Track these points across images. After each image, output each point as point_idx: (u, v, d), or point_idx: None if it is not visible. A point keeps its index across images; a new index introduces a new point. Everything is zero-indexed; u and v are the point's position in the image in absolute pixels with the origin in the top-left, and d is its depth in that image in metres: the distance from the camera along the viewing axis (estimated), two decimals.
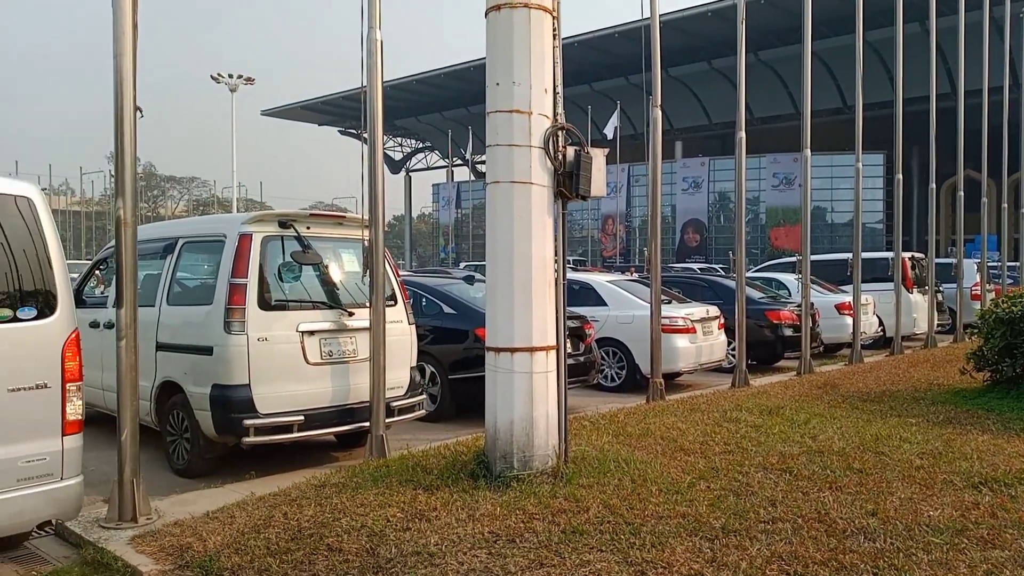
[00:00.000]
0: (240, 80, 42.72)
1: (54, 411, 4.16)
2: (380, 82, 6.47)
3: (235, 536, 4.48)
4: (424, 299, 9.26)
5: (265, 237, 6.39)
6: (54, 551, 4.85)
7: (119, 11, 4.95)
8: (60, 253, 4.27)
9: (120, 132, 5.03)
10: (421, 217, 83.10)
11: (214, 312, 6.18)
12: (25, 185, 4.28)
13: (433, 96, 53.25)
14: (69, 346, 4.23)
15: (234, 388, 6.06)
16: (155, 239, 7.17)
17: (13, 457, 4.01)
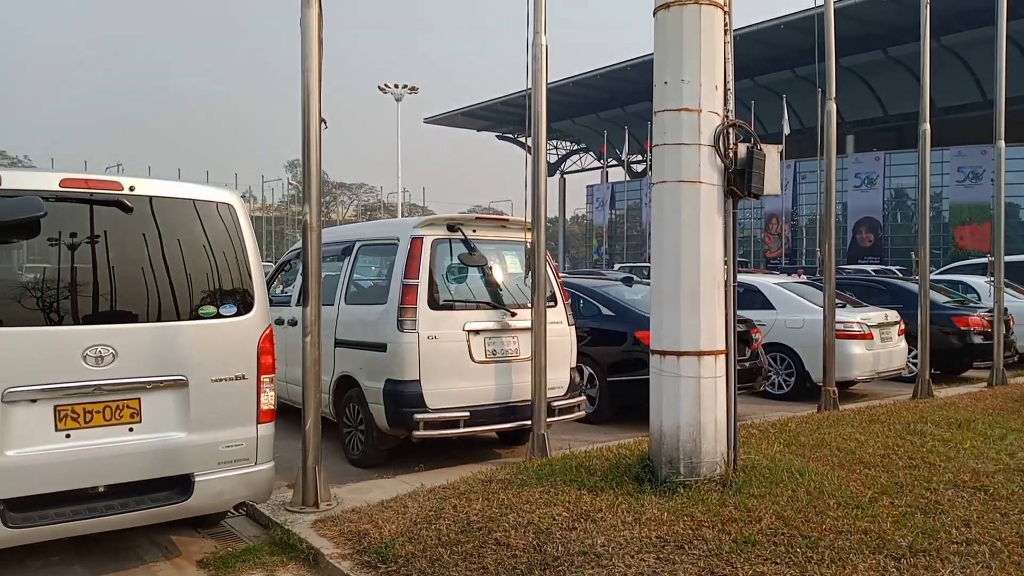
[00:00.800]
0: (405, 90, 44.65)
1: (250, 401, 4.52)
2: (544, 87, 6.55)
3: (408, 525, 4.68)
4: (582, 300, 9.28)
5: (435, 240, 6.64)
6: (246, 530, 5.26)
7: (306, 29, 5.31)
8: (257, 255, 4.64)
9: (307, 142, 5.39)
10: (575, 219, 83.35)
11: (388, 311, 6.49)
12: (227, 193, 4.69)
13: (588, 97, 53.27)
14: (264, 341, 4.58)
15: (406, 384, 6.34)
16: (334, 242, 7.62)
17: (215, 442, 4.39)
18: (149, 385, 4.20)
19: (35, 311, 4.01)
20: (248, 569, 4.54)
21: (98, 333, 4.06)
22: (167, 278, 4.33)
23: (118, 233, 4.24)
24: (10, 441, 3.85)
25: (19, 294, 4.02)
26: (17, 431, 3.87)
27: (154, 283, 4.29)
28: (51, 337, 3.98)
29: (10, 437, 3.85)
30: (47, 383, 3.93)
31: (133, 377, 4.14)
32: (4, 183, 3.89)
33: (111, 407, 4.10)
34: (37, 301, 4.03)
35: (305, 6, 5.30)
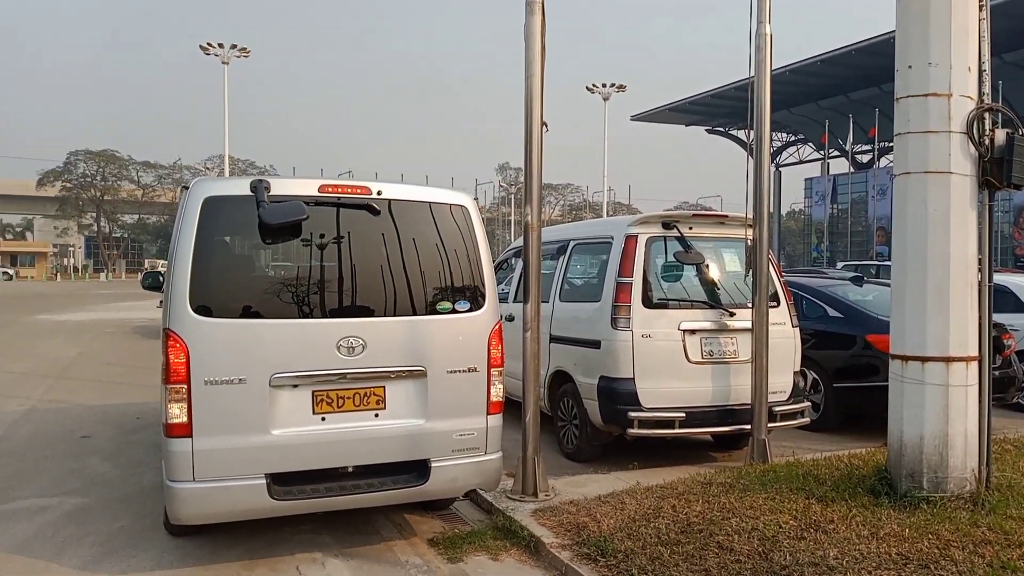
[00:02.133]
0: (613, 89, 44.69)
1: (481, 392, 4.76)
2: (769, 77, 6.30)
3: (627, 521, 4.71)
4: (805, 301, 8.80)
5: (649, 238, 6.61)
6: (470, 514, 5.55)
7: (530, 37, 5.49)
8: (488, 254, 4.88)
9: (529, 145, 5.58)
10: (791, 214, 79.14)
11: (602, 309, 6.55)
12: (462, 196, 4.97)
13: (807, 86, 50.24)
14: (494, 336, 4.81)
15: (620, 381, 6.37)
16: (549, 241, 7.81)
17: (449, 430, 4.67)
18: (393, 374, 4.56)
19: (296, 306, 4.48)
20: (474, 551, 4.79)
21: (350, 326, 4.47)
22: (408, 276, 4.67)
23: (366, 234, 4.64)
24: (276, 421, 4.33)
25: (281, 291, 4.50)
26: (281, 413, 4.35)
27: (396, 281, 4.65)
28: (310, 329, 4.44)
29: (276, 418, 4.33)
30: (307, 370, 4.39)
31: (379, 367, 4.51)
32: (273, 189, 4.39)
33: (360, 393, 4.49)
34: (297, 296, 4.50)
35: (529, 14, 5.49)
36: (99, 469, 6.65)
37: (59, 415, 8.95)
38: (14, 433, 7.98)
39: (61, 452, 7.20)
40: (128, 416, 8.82)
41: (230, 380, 4.23)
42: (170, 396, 4.16)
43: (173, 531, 4.89)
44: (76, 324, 22.01)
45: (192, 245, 4.24)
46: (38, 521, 5.29)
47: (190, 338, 4.18)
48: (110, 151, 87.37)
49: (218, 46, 35.29)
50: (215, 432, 4.21)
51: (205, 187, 4.42)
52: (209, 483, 4.21)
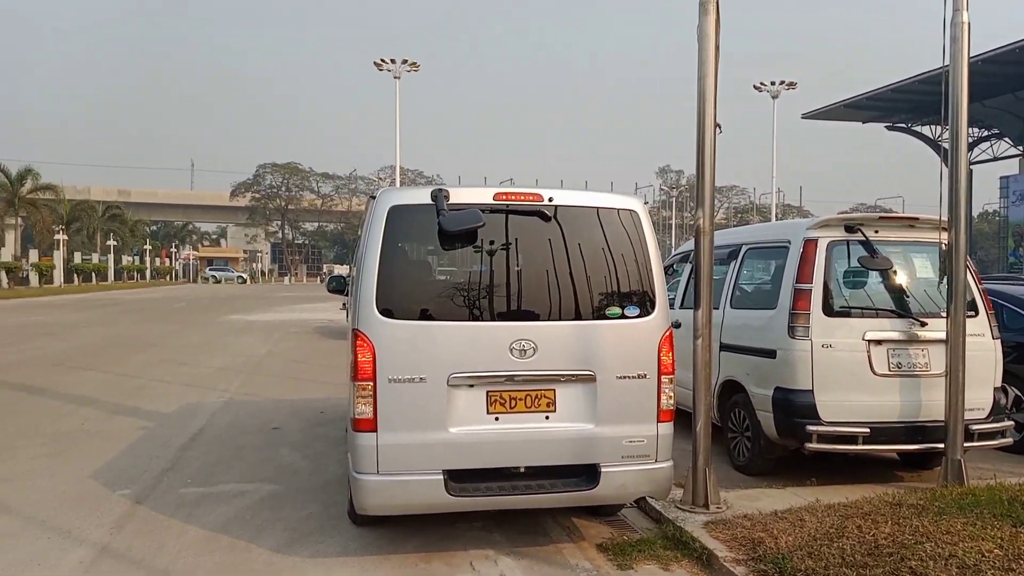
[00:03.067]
0: (783, 86, 42.86)
1: (651, 399, 4.71)
2: (966, 69, 5.82)
3: (807, 540, 4.50)
4: (1007, 310, 8.04)
5: (830, 242, 6.28)
6: (637, 522, 5.50)
7: (704, 37, 5.38)
8: (659, 259, 4.83)
9: (701, 147, 5.46)
10: (983, 215, 72.56)
11: (777, 316, 6.29)
12: (632, 200, 4.95)
13: (1004, 76, 45.87)
14: (665, 342, 4.75)
15: (797, 393, 6.09)
16: (719, 246, 7.60)
17: (619, 436, 4.66)
18: (563, 378, 4.61)
19: (471, 309, 4.64)
20: (643, 559, 4.75)
21: (521, 329, 4.57)
22: (578, 281, 4.71)
23: (537, 239, 4.72)
24: (453, 419, 4.50)
25: (457, 294, 4.67)
26: (458, 411, 4.52)
27: (567, 286, 4.70)
28: (484, 331, 4.58)
29: (453, 416, 4.50)
30: (481, 371, 4.53)
31: (550, 370, 4.58)
32: (452, 198, 4.57)
33: (531, 395, 4.58)
34: (472, 300, 4.66)
35: (702, 14, 5.38)
36: (289, 459, 7.17)
37: (253, 407, 9.73)
38: (215, 423, 8.77)
39: (255, 442, 7.83)
40: (313, 410, 9.45)
41: (411, 379, 4.44)
42: (358, 393, 4.43)
43: (356, 521, 5.19)
44: (265, 324, 23.86)
45: (379, 251, 4.49)
46: (237, 504, 5.78)
47: (376, 338, 4.43)
48: (293, 163, 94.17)
49: (391, 61, 37.15)
50: (398, 428, 4.43)
51: (390, 197, 4.68)
52: (392, 476, 4.44)
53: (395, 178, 42.42)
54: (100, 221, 78.26)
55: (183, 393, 10.75)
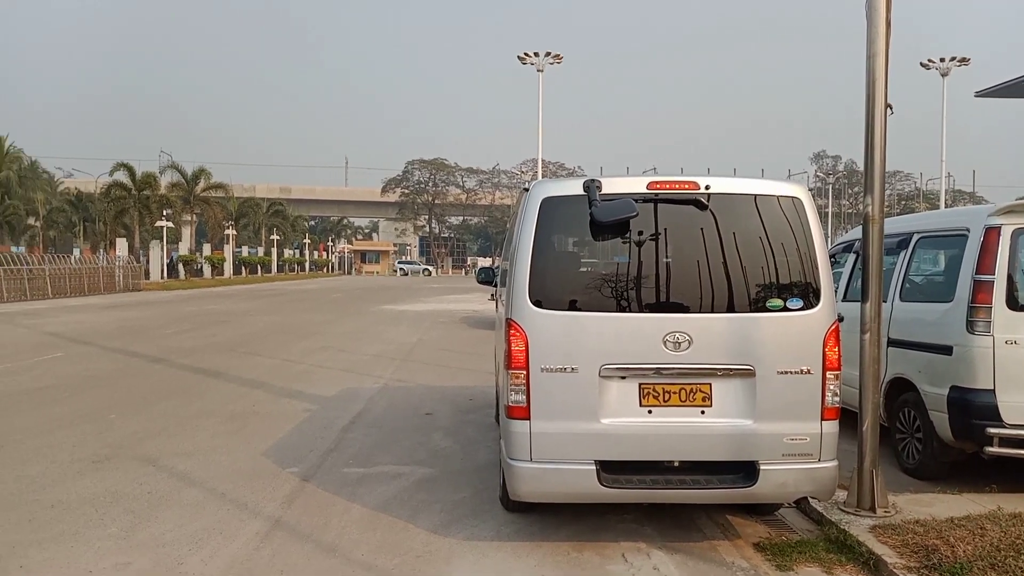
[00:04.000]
0: (953, 63, 39.65)
1: (815, 396, 4.49)
2: None
3: (989, 550, 4.17)
4: None
5: (1016, 230, 5.75)
6: (796, 522, 5.28)
7: (873, 12, 5.06)
8: (824, 249, 4.59)
9: (870, 130, 5.14)
10: None
11: (954, 310, 5.84)
12: (794, 187, 4.73)
13: None
14: (830, 336, 4.51)
15: (975, 392, 5.63)
16: (888, 234, 7.14)
17: (779, 433, 4.47)
18: (720, 372, 4.49)
19: (623, 300, 4.59)
20: (805, 561, 4.55)
21: (676, 321, 4.48)
22: (736, 272, 4.55)
23: (692, 229, 4.61)
24: (605, 411, 4.48)
25: (609, 285, 4.63)
26: (610, 403, 4.49)
27: (723, 277, 4.55)
28: (637, 323, 4.52)
29: (605, 407, 4.48)
30: (634, 363, 4.48)
31: (706, 363, 4.46)
32: (604, 188, 4.54)
33: (686, 389, 4.48)
34: (625, 291, 4.60)
35: None
36: (441, 444, 7.41)
37: (406, 393, 10.12)
38: (372, 407, 9.19)
39: (409, 426, 8.14)
40: (463, 397, 9.71)
41: (563, 368, 4.46)
42: (511, 381, 4.50)
43: (508, 506, 5.28)
44: (414, 314, 24.74)
45: (531, 242, 4.54)
46: (395, 486, 6.03)
47: (529, 328, 4.48)
48: (440, 159, 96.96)
49: (534, 55, 37.39)
50: (550, 416, 4.47)
51: (543, 189, 4.71)
52: (544, 464, 4.48)
53: (537, 171, 42.74)
54: (265, 217, 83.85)
55: (342, 378, 11.34)
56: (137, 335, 17.60)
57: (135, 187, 55.94)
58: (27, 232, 67.53)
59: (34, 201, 66.95)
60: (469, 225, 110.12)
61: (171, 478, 6.15)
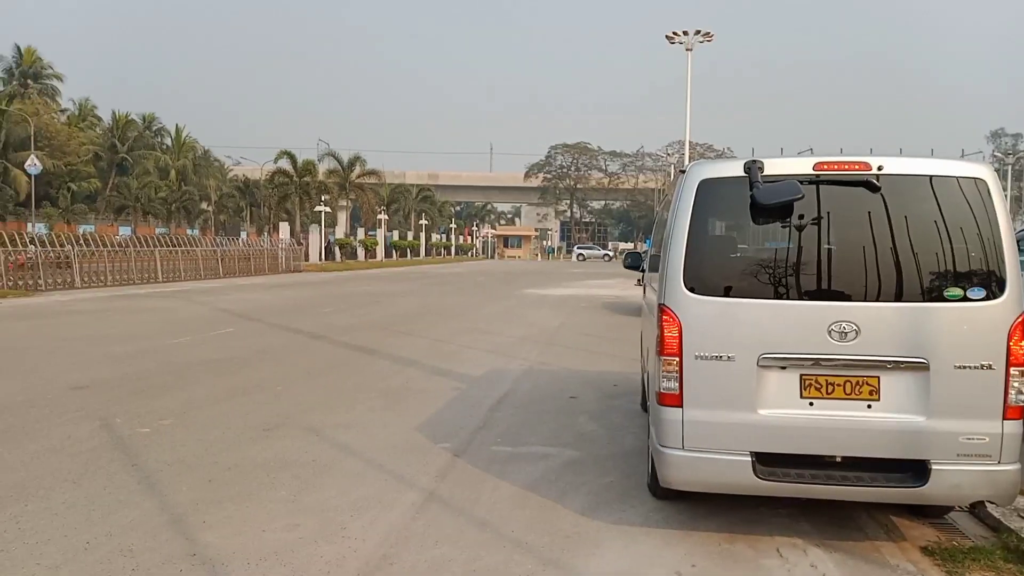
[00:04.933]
0: None
1: (996, 393, 4.15)
2: None
3: None
4: None
5: None
6: (968, 527, 4.92)
7: None
8: (1011, 235, 4.21)
9: None
10: None
11: None
12: (978, 167, 4.36)
13: None
14: (1016, 329, 4.15)
15: None
16: None
17: (955, 432, 4.17)
18: (889, 364, 4.23)
19: (784, 287, 4.40)
20: (979, 569, 4.25)
21: (842, 310, 4.25)
22: (907, 259, 4.26)
23: (860, 212, 4.35)
24: (762, 401, 4.34)
25: (769, 271, 4.45)
26: (768, 393, 4.34)
27: (893, 264, 4.27)
28: (800, 311, 4.33)
29: (762, 398, 4.34)
30: (795, 353, 4.30)
31: (874, 355, 4.22)
32: (767, 169, 4.37)
33: (851, 382, 4.26)
34: (785, 278, 4.41)
35: None
36: (587, 427, 7.43)
37: (550, 376, 10.22)
38: (518, 388, 9.34)
39: (554, 408, 8.21)
40: (607, 383, 9.69)
41: (719, 356, 4.35)
42: (664, 367, 4.44)
43: (656, 493, 5.23)
44: (556, 298, 24.89)
45: (687, 225, 4.44)
46: (542, 466, 6.11)
47: (683, 314, 4.40)
48: (583, 143, 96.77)
49: (683, 33, 36.46)
50: (704, 405, 4.38)
51: (701, 170, 4.59)
52: (696, 453, 4.41)
53: (683, 153, 41.74)
54: (414, 202, 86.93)
55: (488, 359, 11.60)
56: (299, 313, 18.74)
57: (296, 174, 59.42)
58: (200, 216, 73.38)
59: (207, 187, 72.61)
60: (611, 209, 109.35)
61: (333, 448, 6.52)
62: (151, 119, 71.90)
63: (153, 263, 32.66)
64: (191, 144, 75.18)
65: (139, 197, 64.40)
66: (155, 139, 72.40)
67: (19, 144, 53.96)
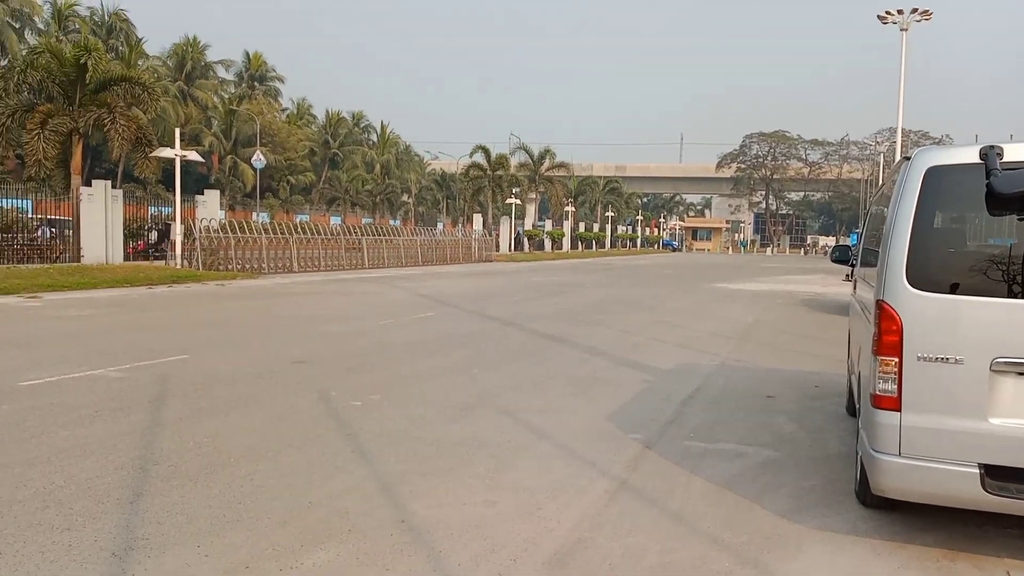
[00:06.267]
0: None
1: None
2: None
3: None
4: None
5: None
6: None
7: None
8: None
9: None
10: None
11: None
12: None
13: None
14: None
15: None
16: None
17: None
18: None
19: (1016, 285, 3.97)
20: None
21: None
22: None
23: None
24: (995, 409, 3.94)
25: (1004, 268, 4.04)
26: (1003, 401, 3.94)
27: None
28: None
29: (995, 405, 3.94)
30: None
31: None
32: (1006, 155, 3.96)
33: None
34: (1020, 275, 3.98)
35: None
36: (785, 428, 7.11)
37: (744, 374, 9.87)
38: (710, 384, 9.11)
39: (749, 406, 7.93)
40: (807, 383, 9.22)
41: (944, 358, 4.01)
42: (880, 368, 4.16)
43: (865, 501, 4.92)
44: (749, 294, 23.99)
45: (911, 216, 4.12)
46: (738, 464, 5.93)
47: (904, 312, 4.09)
48: (781, 131, 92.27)
49: (897, 13, 33.68)
50: (925, 410, 4.06)
51: (928, 157, 4.24)
52: (915, 460, 4.09)
53: (896, 140, 38.61)
54: (601, 194, 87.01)
55: (677, 353, 11.41)
56: (491, 300, 19.39)
57: (490, 167, 61.34)
58: (401, 207, 77.78)
59: (408, 180, 76.79)
60: (810, 201, 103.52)
61: (526, 431, 6.70)
62: (359, 116, 77.21)
63: (360, 250, 35.07)
64: (394, 140, 79.89)
65: (348, 189, 69.42)
66: (363, 135, 77.66)
67: (246, 141, 59.89)
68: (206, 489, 5.00)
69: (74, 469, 5.29)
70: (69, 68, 27.98)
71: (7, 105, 28.36)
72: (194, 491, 4.95)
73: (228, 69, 66.83)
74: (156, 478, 5.18)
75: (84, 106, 28.31)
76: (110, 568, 3.82)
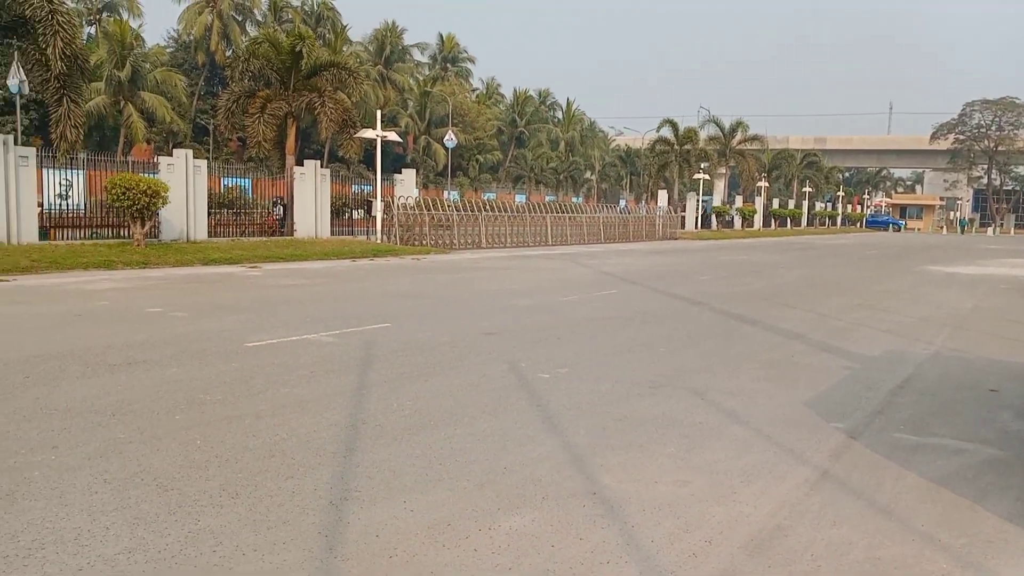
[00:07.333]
0: None
1: None
2: None
3: None
4: None
5: None
6: None
7: None
8: None
9: None
10: None
11: None
12: None
13: None
14: None
15: None
16: None
17: None
18: None
19: None
20: None
21: None
22: None
23: None
24: None
25: None
26: None
27: None
28: None
29: None
30: None
31: None
32: None
33: None
34: None
35: None
36: (1012, 425, 6.44)
37: (962, 364, 9.03)
38: (923, 374, 8.41)
39: (969, 399, 7.25)
40: None
41: None
42: None
43: None
44: (967, 278, 21.86)
45: None
46: (955, 461, 5.44)
47: None
48: (1009, 98, 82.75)
49: None
50: None
51: None
52: None
53: None
54: (797, 169, 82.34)
55: (884, 339, 10.63)
56: (676, 279, 19.01)
57: (677, 142, 59.85)
58: (584, 185, 77.91)
59: (591, 157, 76.73)
60: None
61: (718, 412, 6.52)
62: (546, 94, 77.94)
63: (544, 227, 35.56)
64: (579, 117, 79.95)
65: (533, 167, 70.46)
66: (548, 113, 78.38)
67: (439, 121, 62.33)
68: (410, 448, 5.31)
69: (295, 424, 5.80)
70: (285, 55, 30.30)
71: (232, 91, 31.23)
72: (399, 449, 5.28)
73: (423, 52, 69.80)
74: (365, 436, 5.57)
75: (297, 91, 30.59)
76: (329, 516, 4.16)
